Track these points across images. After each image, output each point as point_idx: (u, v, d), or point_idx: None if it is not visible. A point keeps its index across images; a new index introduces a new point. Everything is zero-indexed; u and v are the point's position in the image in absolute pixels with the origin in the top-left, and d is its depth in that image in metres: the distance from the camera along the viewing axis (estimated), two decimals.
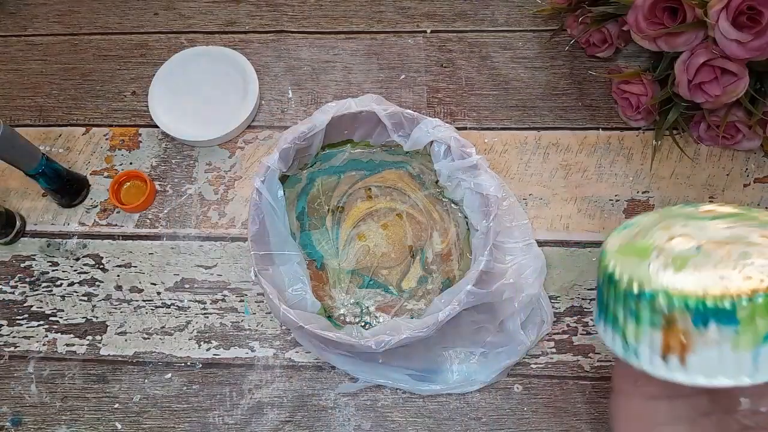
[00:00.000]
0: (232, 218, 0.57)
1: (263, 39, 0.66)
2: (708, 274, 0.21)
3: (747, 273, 0.21)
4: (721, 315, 0.21)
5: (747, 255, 0.22)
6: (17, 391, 0.52)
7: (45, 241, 0.57)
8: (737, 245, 0.22)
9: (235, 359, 0.52)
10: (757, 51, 0.47)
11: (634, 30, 0.53)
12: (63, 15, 0.69)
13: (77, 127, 0.62)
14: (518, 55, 0.65)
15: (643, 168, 0.58)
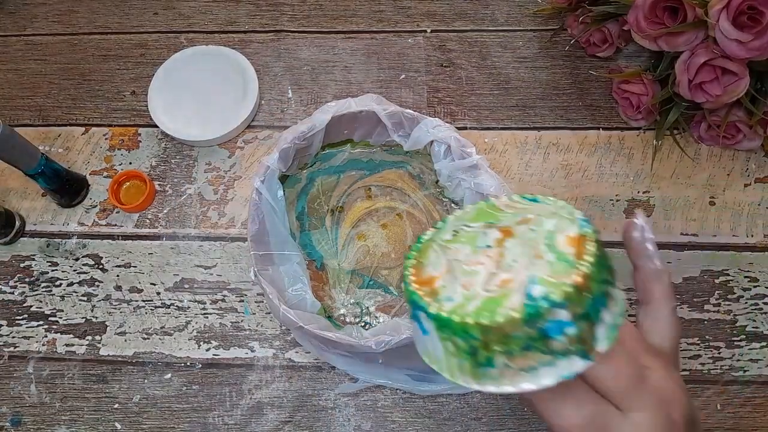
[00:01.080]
0: (232, 218, 0.57)
1: (263, 39, 0.66)
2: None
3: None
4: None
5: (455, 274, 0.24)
6: (17, 391, 0.52)
7: (44, 241, 0.57)
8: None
9: (234, 359, 0.52)
10: (757, 51, 0.47)
11: (634, 29, 0.53)
12: (62, 15, 0.69)
13: (76, 127, 0.62)
14: (518, 54, 0.65)
15: (644, 168, 0.58)
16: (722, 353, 0.51)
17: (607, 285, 0.21)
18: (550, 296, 0.20)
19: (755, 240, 0.55)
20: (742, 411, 0.49)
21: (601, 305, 0.21)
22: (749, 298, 0.53)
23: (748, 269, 0.54)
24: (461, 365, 0.22)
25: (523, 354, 0.21)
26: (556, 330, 0.20)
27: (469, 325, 0.21)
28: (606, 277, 0.21)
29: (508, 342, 0.21)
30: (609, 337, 0.21)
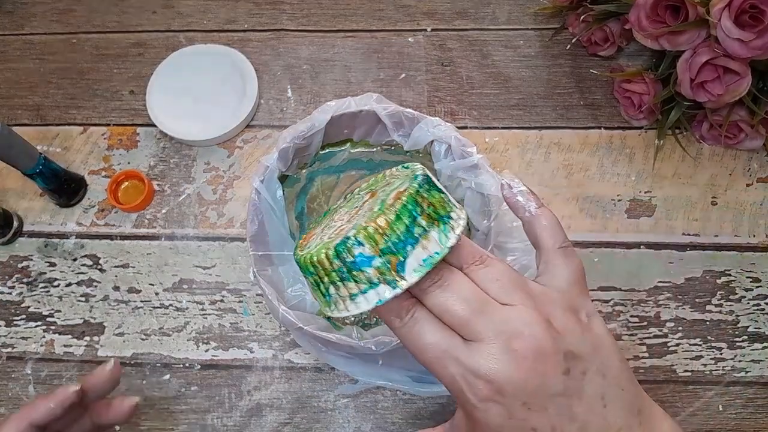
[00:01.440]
0: (231, 218, 0.57)
1: (262, 37, 0.66)
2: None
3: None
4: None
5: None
6: (15, 392, 0.51)
7: (42, 241, 0.57)
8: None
9: (233, 360, 0.52)
10: (759, 50, 0.47)
11: (636, 28, 0.52)
12: (61, 14, 0.69)
13: (75, 127, 0.62)
14: (519, 53, 0.64)
15: (645, 167, 0.58)
16: (724, 354, 0.51)
17: (417, 228, 0.25)
18: (356, 236, 0.25)
19: (757, 240, 0.55)
20: (744, 412, 0.49)
21: (408, 244, 0.25)
22: (751, 299, 0.53)
23: (750, 269, 0.54)
24: (319, 297, 0.27)
25: (344, 284, 0.26)
26: (365, 263, 0.25)
27: (305, 263, 0.26)
28: (414, 222, 0.25)
29: (330, 275, 0.26)
30: (417, 271, 0.25)
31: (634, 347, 0.51)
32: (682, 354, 0.51)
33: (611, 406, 0.25)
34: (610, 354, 0.26)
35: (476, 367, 0.24)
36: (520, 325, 0.24)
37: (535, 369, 0.24)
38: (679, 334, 0.52)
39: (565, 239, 0.29)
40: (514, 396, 0.24)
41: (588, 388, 0.25)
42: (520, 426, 0.24)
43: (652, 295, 0.53)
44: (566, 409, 0.25)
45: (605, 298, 0.53)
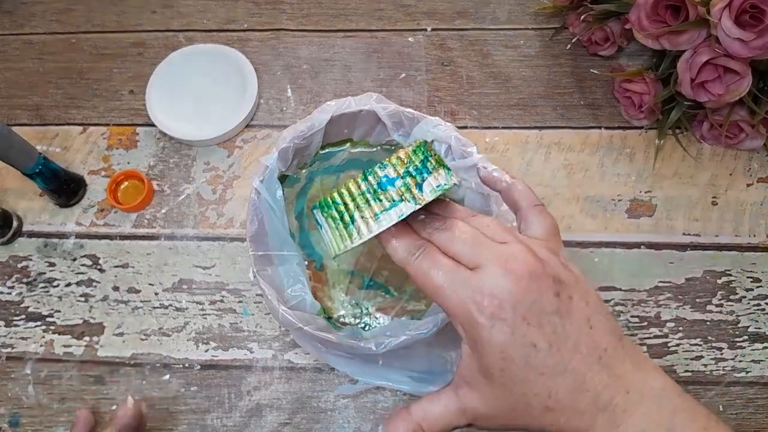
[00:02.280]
0: (231, 218, 0.57)
1: (262, 37, 0.66)
2: None
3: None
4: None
5: None
6: (15, 392, 0.51)
7: (42, 241, 0.57)
8: None
9: (233, 361, 0.52)
10: (759, 50, 0.47)
11: (636, 28, 0.52)
12: (60, 14, 0.69)
13: (74, 126, 0.62)
14: (520, 53, 0.64)
15: (646, 167, 0.58)
16: (724, 354, 0.51)
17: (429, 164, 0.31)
18: (382, 162, 0.30)
19: (758, 240, 0.55)
20: (745, 412, 0.49)
21: (424, 172, 0.30)
22: (752, 299, 0.53)
23: (751, 270, 0.54)
24: (340, 234, 0.31)
25: (369, 205, 0.30)
26: (390, 183, 0.30)
27: (330, 197, 0.31)
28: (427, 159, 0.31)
29: (356, 199, 0.31)
30: (433, 192, 0.30)
31: None
32: (683, 354, 0.51)
33: (597, 328, 0.28)
34: (588, 289, 0.29)
35: (481, 286, 0.28)
36: (515, 252, 0.28)
37: (530, 286, 0.28)
38: (680, 334, 0.52)
39: (539, 200, 0.33)
40: (515, 310, 0.27)
41: (576, 311, 0.28)
42: (521, 342, 0.28)
43: (653, 295, 0.53)
44: (560, 327, 0.28)
45: (605, 298, 0.53)
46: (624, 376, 0.28)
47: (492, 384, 0.29)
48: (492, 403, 0.29)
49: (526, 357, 0.28)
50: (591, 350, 0.28)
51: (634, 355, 0.29)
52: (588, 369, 0.28)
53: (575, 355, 0.28)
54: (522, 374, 0.28)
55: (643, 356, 0.29)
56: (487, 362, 0.29)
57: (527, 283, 0.28)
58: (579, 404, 0.28)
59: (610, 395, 0.28)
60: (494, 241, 0.29)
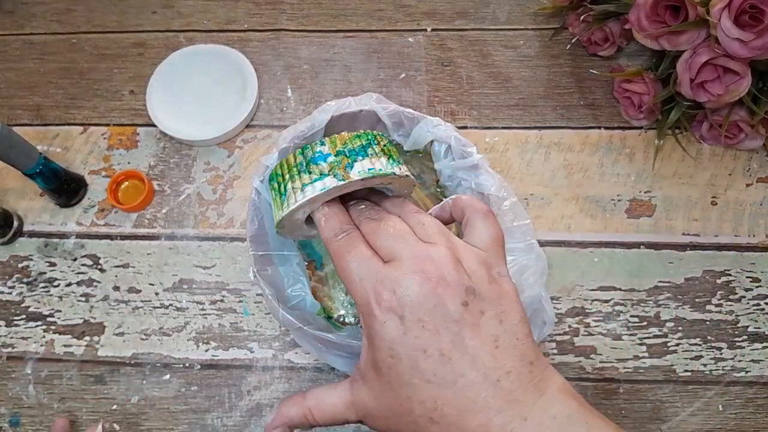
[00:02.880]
0: (231, 218, 0.57)
1: (262, 37, 0.66)
2: None
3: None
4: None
5: None
6: (15, 392, 0.51)
7: (42, 241, 0.57)
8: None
9: (233, 360, 0.52)
10: (759, 50, 0.47)
11: (636, 28, 0.52)
12: (61, 14, 0.69)
13: (75, 127, 0.62)
14: (519, 53, 0.64)
15: (645, 167, 0.58)
16: (724, 354, 0.51)
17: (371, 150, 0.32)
18: (321, 139, 0.32)
19: (757, 240, 0.55)
20: (744, 412, 0.49)
21: (360, 155, 0.31)
22: (751, 299, 0.53)
23: (750, 269, 0.54)
24: (277, 204, 0.33)
25: (300, 176, 0.31)
26: (321, 158, 0.31)
27: (275, 170, 0.33)
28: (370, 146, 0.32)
29: (291, 170, 0.32)
30: (361, 173, 0.30)
31: (634, 347, 0.51)
32: (682, 354, 0.51)
33: (504, 349, 0.27)
34: (512, 308, 0.28)
35: (386, 279, 0.27)
36: (434, 254, 0.28)
37: (436, 290, 0.27)
38: (679, 334, 0.52)
39: (488, 208, 0.32)
40: (412, 310, 0.27)
41: (483, 326, 0.27)
42: (411, 344, 0.27)
43: (652, 295, 0.53)
44: (459, 338, 0.26)
45: (605, 298, 0.53)
46: (523, 402, 0.26)
47: (381, 380, 0.28)
48: (380, 402, 0.29)
49: (414, 360, 0.27)
50: (490, 370, 0.26)
51: (542, 381, 0.27)
52: (482, 389, 0.26)
53: (470, 372, 0.26)
54: (408, 377, 0.27)
55: (555, 383, 0.27)
56: (376, 356, 0.28)
57: (433, 287, 0.27)
58: (467, 425, 0.26)
59: (504, 421, 0.25)
60: (421, 240, 0.29)
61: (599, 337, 0.52)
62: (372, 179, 0.31)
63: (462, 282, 0.27)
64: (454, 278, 0.27)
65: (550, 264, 0.53)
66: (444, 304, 0.27)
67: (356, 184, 0.30)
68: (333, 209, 0.32)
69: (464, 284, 0.27)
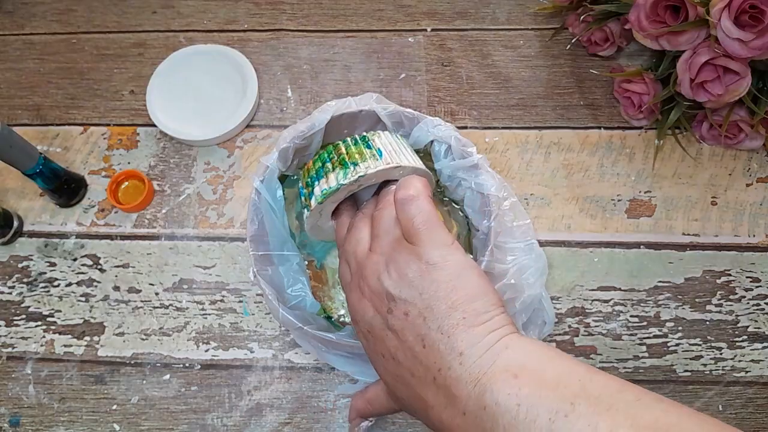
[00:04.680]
0: (231, 218, 0.57)
1: (262, 38, 0.66)
2: None
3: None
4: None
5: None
6: (15, 392, 0.51)
7: (42, 241, 0.57)
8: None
9: (233, 360, 0.52)
10: (759, 50, 0.47)
11: (635, 28, 0.52)
12: (61, 14, 0.69)
13: (75, 127, 0.62)
14: (519, 53, 0.64)
15: (645, 167, 0.58)
16: (724, 354, 0.51)
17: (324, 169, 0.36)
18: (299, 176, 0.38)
19: (757, 240, 0.55)
20: (744, 412, 0.49)
21: (317, 179, 0.36)
22: (751, 299, 0.53)
23: (750, 269, 0.54)
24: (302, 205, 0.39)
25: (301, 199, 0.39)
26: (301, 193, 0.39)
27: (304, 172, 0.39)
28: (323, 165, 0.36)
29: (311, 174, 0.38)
30: (317, 198, 0.35)
31: (633, 347, 0.51)
32: (682, 354, 0.51)
33: (431, 348, 0.27)
34: (436, 299, 0.28)
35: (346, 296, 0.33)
36: (366, 269, 0.31)
37: (366, 304, 0.30)
38: (679, 334, 0.52)
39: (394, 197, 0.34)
40: (361, 323, 0.31)
41: (409, 328, 0.28)
42: (373, 350, 0.31)
43: (652, 295, 0.53)
44: (396, 341, 0.28)
45: (605, 298, 0.53)
46: (459, 397, 0.26)
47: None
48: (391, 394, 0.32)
49: (379, 363, 0.30)
50: (425, 370, 0.27)
51: (479, 367, 0.26)
52: (427, 388, 0.27)
53: (417, 370, 0.28)
54: (385, 377, 0.30)
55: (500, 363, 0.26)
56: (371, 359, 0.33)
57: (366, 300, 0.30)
58: (434, 419, 0.27)
59: (451, 415, 0.26)
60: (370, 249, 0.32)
61: (599, 337, 0.52)
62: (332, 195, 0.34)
63: (384, 291, 0.29)
64: (380, 288, 0.29)
65: (550, 264, 0.53)
66: (376, 314, 0.30)
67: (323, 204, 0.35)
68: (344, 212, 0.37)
69: (385, 292, 0.29)
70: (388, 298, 0.29)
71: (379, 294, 0.29)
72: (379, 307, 0.29)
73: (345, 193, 0.35)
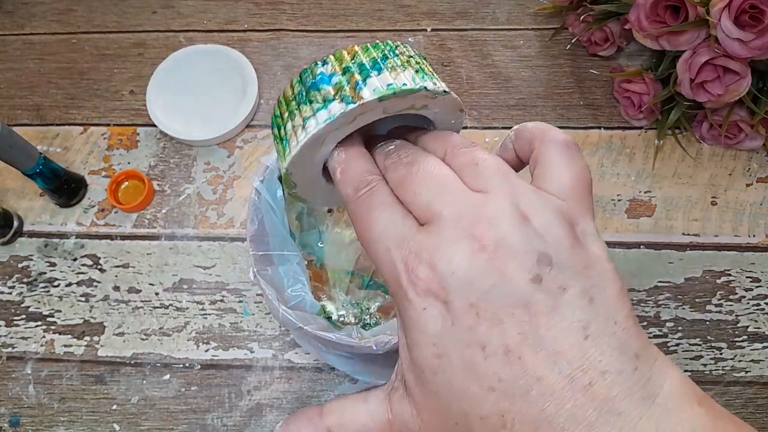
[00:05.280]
0: (231, 218, 0.57)
1: (262, 38, 0.66)
2: None
3: None
4: None
5: None
6: (15, 392, 0.51)
7: (42, 241, 0.57)
8: None
9: (233, 360, 0.52)
10: (759, 50, 0.47)
11: (636, 28, 0.52)
12: (61, 14, 0.69)
13: (75, 127, 0.62)
14: (519, 53, 0.64)
15: (645, 168, 0.58)
16: (724, 354, 0.51)
17: (389, 62, 0.23)
18: (324, 58, 0.24)
19: (757, 240, 0.55)
20: (744, 412, 0.49)
21: (375, 69, 0.23)
22: (751, 299, 0.53)
23: (750, 269, 0.54)
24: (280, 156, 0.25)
25: (300, 110, 0.23)
26: (324, 80, 0.23)
27: (273, 112, 0.25)
28: (388, 57, 0.24)
29: (290, 105, 0.24)
30: (378, 91, 0.22)
31: None
32: (682, 354, 0.51)
33: (596, 340, 0.18)
34: (605, 278, 0.19)
35: (420, 249, 0.20)
36: (489, 210, 0.20)
37: (493, 264, 0.19)
38: (679, 334, 0.52)
39: (568, 138, 0.22)
40: (460, 292, 0.19)
41: (565, 309, 0.19)
42: (464, 338, 0.19)
43: (652, 295, 0.53)
44: (530, 327, 0.18)
45: None
46: (626, 415, 0.18)
47: (425, 390, 0.20)
48: (426, 420, 0.20)
49: (469, 361, 0.19)
50: (577, 370, 0.18)
51: (652, 381, 0.18)
52: (567, 398, 0.18)
53: (550, 374, 0.18)
54: (461, 384, 0.19)
55: (671, 382, 0.18)
56: (416, 356, 0.20)
57: (489, 258, 0.19)
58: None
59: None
60: (471, 189, 0.21)
61: None
62: (395, 99, 0.22)
63: (532, 248, 0.19)
64: (520, 243, 0.19)
65: None
66: (507, 282, 0.19)
67: (373, 108, 0.22)
68: (351, 153, 0.23)
69: (535, 251, 0.19)
70: (540, 261, 0.19)
71: (524, 253, 0.19)
72: (518, 273, 0.19)
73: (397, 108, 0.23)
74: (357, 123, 0.23)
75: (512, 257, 0.19)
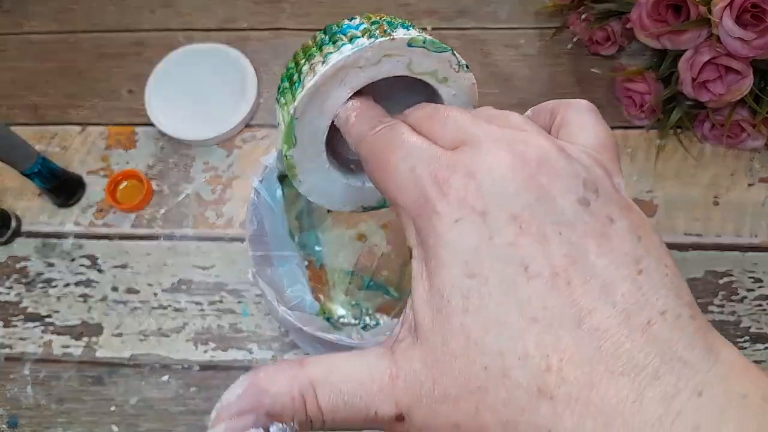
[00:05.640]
0: (230, 218, 0.57)
1: (262, 36, 0.66)
2: None
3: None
4: None
5: None
6: (13, 393, 0.51)
7: (40, 241, 0.57)
8: None
9: (233, 361, 0.51)
10: (761, 49, 0.46)
11: (637, 28, 0.52)
12: (59, 13, 0.69)
13: (73, 126, 0.62)
14: (520, 52, 0.64)
15: (647, 167, 0.58)
16: None
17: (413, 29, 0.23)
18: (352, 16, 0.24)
19: (759, 240, 0.55)
20: None
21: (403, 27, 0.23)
22: (753, 299, 0.52)
23: (752, 270, 0.53)
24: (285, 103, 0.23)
25: (321, 50, 0.22)
26: (350, 27, 0.23)
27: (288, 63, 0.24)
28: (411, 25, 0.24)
29: (310, 50, 0.23)
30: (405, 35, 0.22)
31: None
32: None
33: (649, 276, 0.16)
34: (647, 225, 0.17)
35: (454, 162, 0.17)
36: (529, 137, 0.18)
37: (537, 179, 0.16)
38: None
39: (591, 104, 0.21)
40: (501, 201, 0.16)
41: (616, 238, 0.16)
42: (503, 255, 0.16)
43: None
44: (578, 250, 0.16)
45: None
46: (692, 365, 0.15)
47: (447, 326, 0.16)
48: (443, 370, 0.16)
49: (509, 281, 0.16)
50: (634, 306, 0.15)
51: (712, 340, 0.15)
52: (624, 336, 0.15)
53: (602, 306, 0.15)
54: (497, 312, 0.16)
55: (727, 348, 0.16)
56: (443, 281, 0.17)
57: (533, 173, 0.17)
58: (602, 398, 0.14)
59: (664, 393, 0.14)
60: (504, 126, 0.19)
61: None
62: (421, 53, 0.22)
63: (576, 173, 0.17)
64: (564, 166, 0.17)
65: None
66: (552, 198, 0.16)
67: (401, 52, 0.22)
68: (366, 102, 0.22)
69: (580, 176, 0.17)
70: (586, 186, 0.17)
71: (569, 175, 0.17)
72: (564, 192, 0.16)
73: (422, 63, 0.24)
74: (379, 70, 0.22)
75: (557, 177, 0.17)
